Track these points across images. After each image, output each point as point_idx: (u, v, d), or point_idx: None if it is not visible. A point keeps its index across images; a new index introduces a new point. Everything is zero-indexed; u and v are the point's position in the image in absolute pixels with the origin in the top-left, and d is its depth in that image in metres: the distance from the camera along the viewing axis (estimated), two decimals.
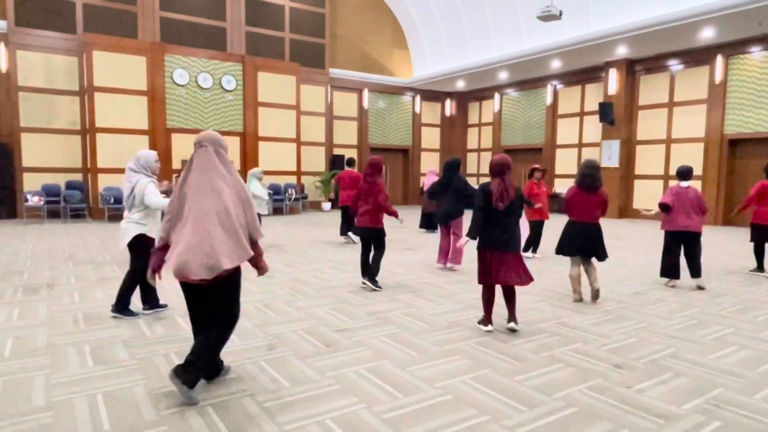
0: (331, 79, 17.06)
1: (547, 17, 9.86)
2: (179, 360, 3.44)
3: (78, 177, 13.11)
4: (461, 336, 4.07)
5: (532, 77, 17.12)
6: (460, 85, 18.73)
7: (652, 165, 14.32)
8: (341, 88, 17.50)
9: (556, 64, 15.31)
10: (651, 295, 5.58)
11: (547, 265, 7.19)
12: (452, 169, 7.10)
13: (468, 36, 16.67)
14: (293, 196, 14.89)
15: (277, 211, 14.75)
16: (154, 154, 4.53)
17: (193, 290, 2.93)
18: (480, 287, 4.41)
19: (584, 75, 15.77)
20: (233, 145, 14.34)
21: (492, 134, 19.11)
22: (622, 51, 13.63)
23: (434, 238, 9.81)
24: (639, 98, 14.58)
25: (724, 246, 9.35)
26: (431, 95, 19.65)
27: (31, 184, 12.47)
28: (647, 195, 14.29)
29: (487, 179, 4.30)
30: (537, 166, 8.37)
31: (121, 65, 12.56)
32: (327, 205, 16.45)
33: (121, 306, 4.46)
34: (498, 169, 4.22)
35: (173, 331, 4.11)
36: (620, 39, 12.65)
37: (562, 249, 5.38)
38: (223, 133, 13.81)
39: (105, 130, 12.44)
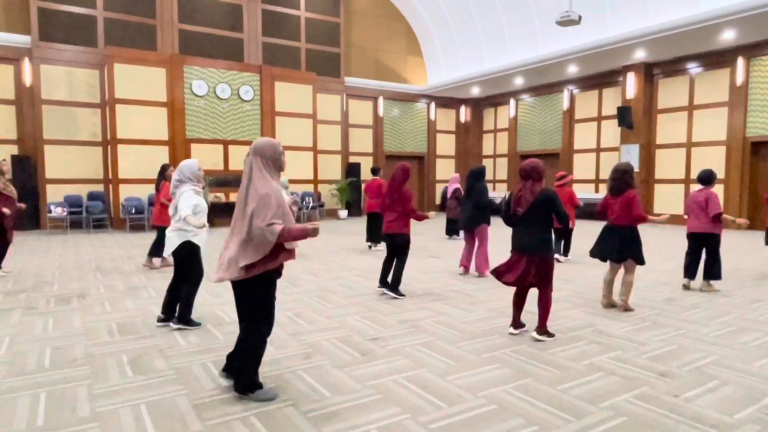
0: (346, 88, 17.14)
1: (567, 22, 9.81)
2: (217, 369, 3.45)
3: (99, 188, 13.27)
4: (497, 344, 4.02)
5: (547, 82, 17.04)
6: (475, 91, 18.71)
7: (673, 169, 14.15)
8: (356, 96, 17.57)
9: (572, 69, 15.24)
10: (685, 300, 5.48)
11: (578, 270, 7.11)
12: (474, 176, 7.11)
13: (483, 42, 16.67)
14: (310, 205, 14.93)
15: (295, 219, 14.72)
16: (196, 162, 4.53)
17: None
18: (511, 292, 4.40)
19: (601, 79, 15.66)
20: None
21: (507, 140, 19.04)
22: (639, 55, 13.53)
23: (457, 245, 9.78)
24: (658, 102, 14.44)
25: (752, 250, 9.18)
26: (446, 102, 19.65)
27: (54, 195, 12.65)
28: (668, 199, 14.11)
29: (503, 185, 4.35)
30: (561, 173, 8.44)
31: (141, 77, 12.74)
32: (344, 213, 16.47)
33: (184, 317, 4.44)
34: (523, 174, 4.27)
35: (208, 341, 4.12)
36: (638, 43, 12.55)
37: (592, 252, 5.35)
38: (241, 143, 13.98)
39: (125, 141, 12.60)
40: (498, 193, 18.08)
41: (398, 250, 5.81)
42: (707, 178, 6.08)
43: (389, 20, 18.08)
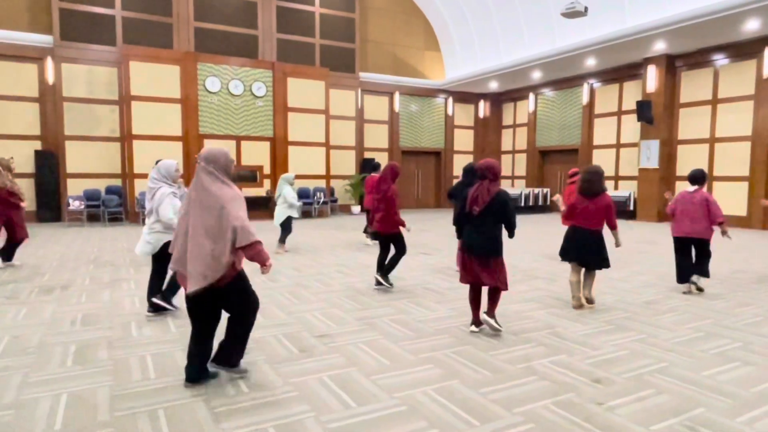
0: (361, 83, 17.13)
1: (572, 14, 9.51)
2: (153, 362, 3.53)
3: (118, 182, 13.73)
4: (442, 344, 3.95)
5: (567, 76, 16.60)
6: (493, 86, 18.39)
7: (695, 166, 13.48)
8: (372, 92, 17.55)
9: (591, 62, 14.78)
10: (664, 304, 5.26)
11: (562, 271, 6.92)
12: (471, 173, 7.06)
13: (500, 36, 16.36)
14: (321, 200, 15.03)
15: (305, 214, 14.92)
16: (174, 163, 4.75)
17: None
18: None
19: (622, 72, 15.14)
20: (263, 149, 14.66)
21: (526, 135, 18.66)
22: (660, 47, 12.99)
23: (456, 242, 9.65)
24: (680, 95, 13.85)
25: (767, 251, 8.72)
26: (464, 97, 19.39)
27: (74, 189, 13.16)
28: None
29: (522, 181, 4.37)
30: (573, 170, 8.41)
31: (156, 75, 13.08)
32: (356, 209, 16.51)
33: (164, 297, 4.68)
34: (480, 174, 4.23)
35: (161, 333, 4.21)
36: (658, 34, 12.04)
37: (561, 254, 5.24)
38: (253, 139, 14.19)
39: (141, 137, 12.98)
40: (516, 189, 17.76)
41: (394, 245, 5.93)
42: (700, 178, 5.84)
43: (407, 15, 17.96)
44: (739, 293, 5.74)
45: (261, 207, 14.29)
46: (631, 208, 14.68)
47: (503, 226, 4.19)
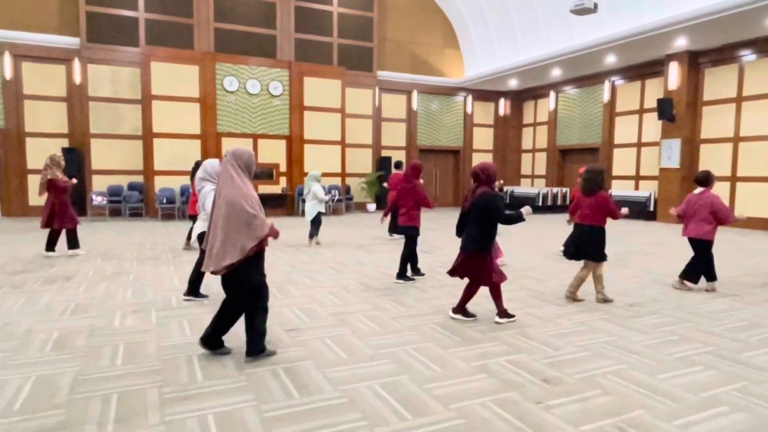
0: (379, 82, 17.22)
1: (581, 11, 9.34)
2: (124, 351, 3.72)
3: (140, 179, 14.22)
4: (406, 340, 4.02)
5: (587, 74, 16.28)
6: (513, 83, 18.19)
7: (718, 165, 13.06)
8: (390, 90, 17.61)
9: (611, 59, 14.46)
10: (649, 306, 5.17)
11: (557, 272, 6.86)
12: None
13: (518, 33, 16.17)
14: (336, 197, 15.20)
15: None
16: (217, 161, 5.02)
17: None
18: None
19: (643, 69, 14.76)
20: (279, 148, 14.93)
21: (547, 134, 18.38)
22: (681, 43, 12.61)
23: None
24: (703, 93, 13.41)
25: None
26: (484, 95, 19.24)
27: (98, 185, 13.71)
28: None
29: (542, 180, 4.71)
30: (583, 169, 8.34)
31: (175, 75, 13.49)
32: (372, 207, 16.62)
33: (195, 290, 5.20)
34: (474, 175, 4.52)
35: (141, 323, 4.41)
36: (678, 29, 11.68)
37: (564, 253, 5.59)
38: (270, 137, 14.47)
39: (161, 135, 13.42)
40: (533, 189, 17.54)
41: (407, 240, 6.31)
42: (706, 180, 5.87)
43: (426, 13, 17.93)
44: (735, 297, 5.58)
45: (277, 204, 14.59)
46: (651, 208, 14.31)
47: (494, 224, 4.40)
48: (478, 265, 4.43)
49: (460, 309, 4.62)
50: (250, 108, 14.53)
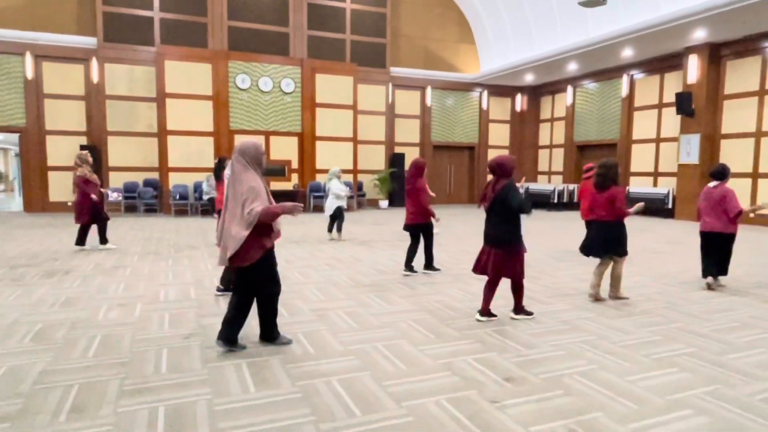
0: (392, 78, 17.16)
1: (590, 3, 9.10)
2: (99, 343, 3.78)
3: (155, 175, 14.50)
4: (379, 337, 3.99)
5: (605, 67, 15.90)
6: (529, 78, 17.90)
7: (740, 161, 12.62)
8: (403, 86, 17.53)
9: (628, 53, 14.08)
10: (641, 305, 5.02)
11: (556, 270, 6.72)
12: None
13: (533, 26, 15.90)
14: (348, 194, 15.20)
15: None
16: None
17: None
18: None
19: (662, 63, 14.33)
20: (291, 144, 15.03)
21: (564, 130, 18.04)
22: (701, 35, 12.19)
23: (462, 239, 9.56)
24: (724, 86, 12.95)
25: None
26: (500, 90, 18.99)
27: (115, 182, 14.05)
28: None
29: (558, 177, 4.73)
30: (588, 165, 8.22)
31: (189, 73, 13.71)
32: (384, 203, 16.60)
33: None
34: (491, 170, 4.47)
35: (123, 317, 4.49)
36: (697, 20, 11.30)
37: (582, 249, 5.52)
38: (282, 134, 14.57)
39: (174, 132, 13.66)
40: (549, 185, 17.24)
41: (423, 235, 6.42)
42: (721, 173, 5.80)
43: (440, 8, 17.79)
44: (734, 297, 5.38)
45: (288, 200, 14.66)
46: (670, 206, 13.91)
47: (516, 216, 4.33)
48: (508, 258, 4.35)
49: (521, 307, 4.55)
50: (263, 105, 14.66)
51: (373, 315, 4.61)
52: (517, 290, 4.51)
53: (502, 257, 4.34)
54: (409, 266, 6.44)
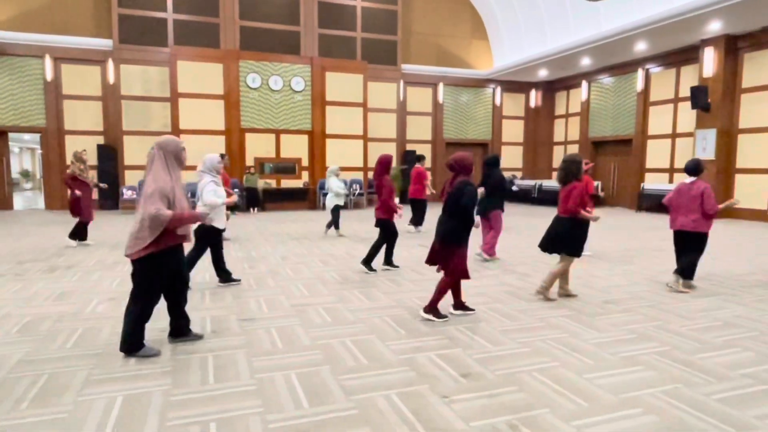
0: (403, 75, 17.15)
1: None
2: (80, 335, 3.93)
3: None
4: (349, 332, 4.04)
5: (619, 62, 15.60)
6: (543, 74, 17.67)
7: (758, 157, 12.28)
8: (415, 83, 17.51)
9: (642, 46, 13.78)
10: (625, 303, 4.95)
11: (546, 266, 6.66)
12: (489, 164, 7.50)
13: (546, 20, 15.68)
14: (357, 191, 15.31)
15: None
16: (217, 156, 5.40)
17: None
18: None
19: (679, 56, 13.98)
20: (301, 142, 15.18)
21: (579, 125, 17.76)
22: (716, 26, 11.85)
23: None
24: (742, 80, 12.56)
25: None
26: (514, 86, 18.79)
27: (131, 180, 14.42)
28: (751, 191, 12.30)
29: None
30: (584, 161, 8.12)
31: (201, 73, 13.97)
32: (395, 200, 16.57)
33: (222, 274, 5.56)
34: (449, 168, 4.49)
35: (110, 310, 4.64)
36: (711, 11, 10.99)
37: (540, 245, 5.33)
38: (292, 132, 14.72)
39: (187, 131, 13.94)
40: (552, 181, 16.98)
41: (384, 233, 6.43)
42: (695, 168, 5.55)
43: (452, 4, 17.69)
44: (724, 296, 5.25)
45: (299, 198, 14.87)
46: None
47: (470, 215, 4.32)
48: (450, 256, 4.32)
49: (433, 306, 4.45)
50: (273, 104, 14.84)
51: (350, 311, 4.66)
52: (441, 289, 4.37)
53: (448, 254, 4.33)
54: (366, 261, 6.40)
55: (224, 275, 5.62)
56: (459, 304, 4.56)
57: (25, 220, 11.99)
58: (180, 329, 3.79)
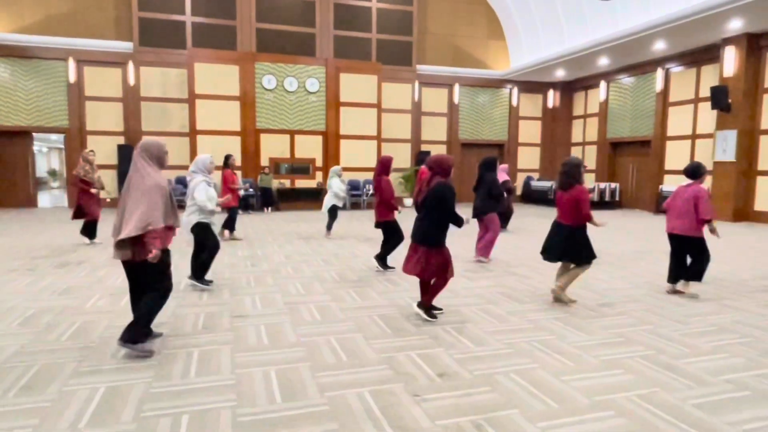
0: (419, 76, 17.16)
1: None
2: (76, 329, 4.07)
3: (186, 173, 15.12)
4: (336, 330, 4.10)
5: (638, 61, 15.32)
6: (560, 74, 17.46)
7: None
8: (430, 84, 17.50)
9: (660, 45, 13.51)
10: (622, 306, 4.89)
11: (546, 268, 6.61)
12: (484, 167, 7.43)
13: (563, 20, 15.50)
14: (370, 192, 15.37)
15: (354, 206, 15.41)
16: (208, 156, 5.54)
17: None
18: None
19: (699, 56, 13.67)
20: (316, 143, 15.32)
21: (597, 126, 17.49)
22: (737, 24, 11.56)
23: (463, 234, 9.50)
24: (764, 79, 12.22)
25: None
26: (531, 87, 18.62)
27: None
28: None
29: (591, 175, 4.72)
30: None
31: (217, 74, 14.23)
32: (409, 201, 16.61)
33: (197, 275, 5.46)
34: (428, 168, 4.48)
35: (109, 305, 4.79)
36: (731, 9, 10.72)
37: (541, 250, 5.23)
38: (306, 133, 14.87)
39: (204, 132, 14.21)
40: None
41: (386, 233, 6.50)
42: (695, 172, 5.41)
43: (468, 4, 17.63)
44: (725, 300, 5.14)
45: (312, 198, 15.01)
46: None
47: (444, 218, 4.29)
48: (434, 259, 4.28)
49: (427, 302, 4.44)
50: (288, 105, 15.02)
51: (342, 309, 4.71)
52: (428, 290, 4.39)
53: (425, 254, 4.26)
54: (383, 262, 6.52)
55: (198, 273, 5.48)
56: (425, 303, 4.47)
57: (47, 217, 12.39)
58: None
